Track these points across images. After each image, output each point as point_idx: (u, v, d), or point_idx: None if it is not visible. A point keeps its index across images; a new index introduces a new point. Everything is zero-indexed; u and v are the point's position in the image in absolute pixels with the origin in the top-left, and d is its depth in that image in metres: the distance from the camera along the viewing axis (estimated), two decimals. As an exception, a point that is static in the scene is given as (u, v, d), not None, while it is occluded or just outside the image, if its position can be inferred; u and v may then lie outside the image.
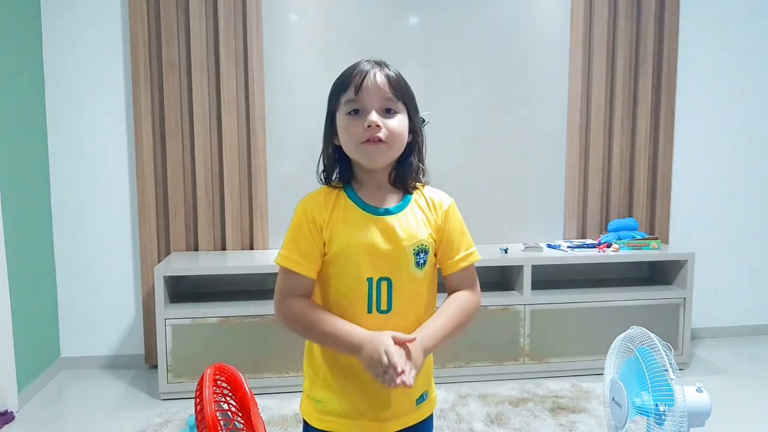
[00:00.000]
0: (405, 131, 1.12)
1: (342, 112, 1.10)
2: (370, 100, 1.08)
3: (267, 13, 2.97)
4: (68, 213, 2.95)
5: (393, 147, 1.10)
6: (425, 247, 1.13)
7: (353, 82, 1.08)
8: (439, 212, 1.17)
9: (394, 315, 1.10)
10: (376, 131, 1.07)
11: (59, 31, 2.87)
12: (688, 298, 2.94)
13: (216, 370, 1.68)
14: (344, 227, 1.10)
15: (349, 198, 1.13)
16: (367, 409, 1.12)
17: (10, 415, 2.41)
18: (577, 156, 3.22)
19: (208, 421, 1.46)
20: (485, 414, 2.40)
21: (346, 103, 1.09)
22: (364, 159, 1.10)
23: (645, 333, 1.71)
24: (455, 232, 1.17)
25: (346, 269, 1.10)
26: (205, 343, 2.60)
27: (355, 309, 1.09)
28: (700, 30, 3.32)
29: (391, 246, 1.10)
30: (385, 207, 1.13)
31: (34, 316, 2.74)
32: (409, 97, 1.14)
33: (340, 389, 1.12)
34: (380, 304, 1.10)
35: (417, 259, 1.12)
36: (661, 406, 1.60)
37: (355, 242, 1.09)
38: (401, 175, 1.15)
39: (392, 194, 1.15)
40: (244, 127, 2.96)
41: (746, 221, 3.48)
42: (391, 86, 1.10)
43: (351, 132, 1.08)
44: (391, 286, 1.10)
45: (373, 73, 1.09)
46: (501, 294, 2.87)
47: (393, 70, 1.13)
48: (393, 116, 1.10)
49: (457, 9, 3.11)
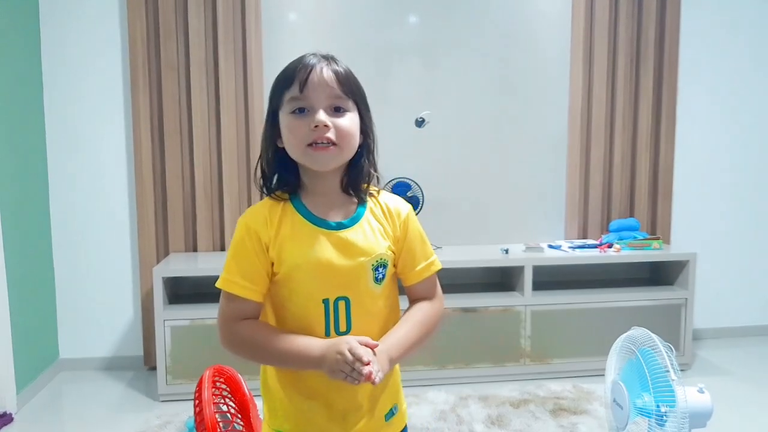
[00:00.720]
0: (356, 131, 1.02)
1: (285, 111, 1.00)
2: (317, 98, 0.98)
3: (266, 13, 2.96)
4: (67, 214, 2.94)
5: (343, 149, 1.00)
6: (384, 261, 1.04)
7: (297, 77, 0.98)
8: (397, 221, 1.08)
9: (354, 335, 1.00)
10: (324, 131, 0.97)
11: (58, 32, 2.87)
12: (689, 298, 2.93)
13: (215, 372, 1.68)
14: (293, 244, 1.01)
15: (296, 210, 1.03)
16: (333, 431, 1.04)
17: (8, 416, 2.41)
18: (578, 156, 3.21)
19: (207, 423, 1.45)
20: (486, 415, 2.39)
21: (290, 101, 0.99)
22: (312, 163, 1.00)
23: (646, 334, 1.70)
24: (415, 241, 1.09)
25: (299, 291, 1.01)
26: (204, 344, 2.59)
27: (312, 332, 1.00)
28: (701, 29, 3.31)
29: (346, 262, 1.01)
30: (337, 220, 1.04)
31: (32, 318, 2.73)
32: (359, 95, 1.04)
33: (301, 416, 1.04)
34: (338, 326, 1.01)
35: (375, 274, 1.03)
36: (663, 407, 1.59)
37: (307, 261, 1.00)
38: (353, 181, 1.06)
39: (344, 203, 1.06)
40: (243, 128, 2.95)
41: (748, 221, 3.47)
42: (339, 82, 1.00)
43: (296, 133, 0.99)
44: (349, 305, 1.02)
45: (320, 68, 0.99)
46: (502, 295, 2.86)
47: (342, 65, 1.03)
48: (343, 115, 1.00)
49: (457, 9, 3.10)
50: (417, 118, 2.85)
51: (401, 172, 2.97)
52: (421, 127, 2.87)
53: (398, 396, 1.13)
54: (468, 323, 2.76)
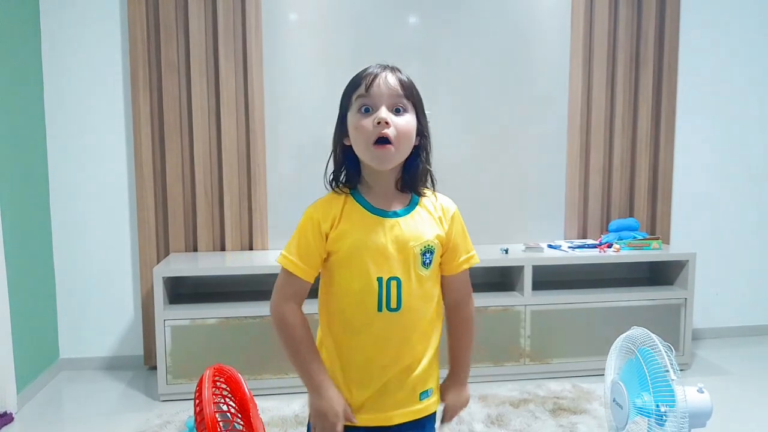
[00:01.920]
0: (413, 131, 1.15)
1: (353, 111, 1.13)
2: (380, 97, 1.11)
3: (267, 14, 2.97)
4: (67, 214, 2.94)
5: (400, 148, 1.13)
6: (431, 247, 1.17)
7: (364, 81, 1.12)
8: (447, 216, 1.22)
9: (403, 313, 1.14)
10: (386, 128, 1.10)
11: (58, 32, 2.87)
12: (689, 298, 2.93)
13: (215, 371, 1.68)
14: (353, 230, 1.14)
15: (356, 202, 1.17)
16: (368, 400, 1.17)
17: (9, 416, 2.41)
18: (578, 156, 3.21)
19: (208, 423, 1.45)
20: (486, 415, 2.40)
21: (357, 99, 1.12)
22: (373, 160, 1.13)
23: (646, 333, 1.70)
24: (459, 236, 1.23)
25: (356, 270, 1.14)
26: (204, 344, 2.60)
27: (366, 308, 1.14)
28: (701, 29, 3.31)
29: (398, 247, 1.14)
30: (393, 210, 1.17)
31: (33, 318, 2.73)
32: (418, 101, 1.17)
33: (343, 383, 1.17)
34: (390, 302, 1.14)
35: (423, 258, 1.16)
36: (662, 407, 1.60)
37: (364, 244, 1.13)
38: (409, 180, 1.19)
39: (400, 198, 1.19)
40: (244, 128, 2.95)
41: (747, 221, 3.47)
42: (402, 86, 1.13)
43: (361, 129, 1.11)
44: (400, 285, 1.14)
45: (385, 75, 1.13)
46: (501, 294, 2.87)
47: (405, 75, 1.17)
48: (402, 115, 1.13)
49: (457, 9, 3.11)
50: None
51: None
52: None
53: (435, 382, 1.24)
54: (468, 323, 2.76)
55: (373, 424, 1.17)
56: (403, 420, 1.18)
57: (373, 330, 1.15)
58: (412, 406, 1.19)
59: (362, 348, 1.16)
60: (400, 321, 1.14)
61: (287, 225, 1.04)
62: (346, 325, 1.17)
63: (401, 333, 1.15)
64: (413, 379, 1.18)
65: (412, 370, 1.17)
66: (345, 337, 1.18)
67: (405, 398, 1.18)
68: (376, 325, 1.14)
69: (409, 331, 1.16)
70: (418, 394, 1.20)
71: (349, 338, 1.17)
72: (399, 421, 1.18)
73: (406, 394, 1.18)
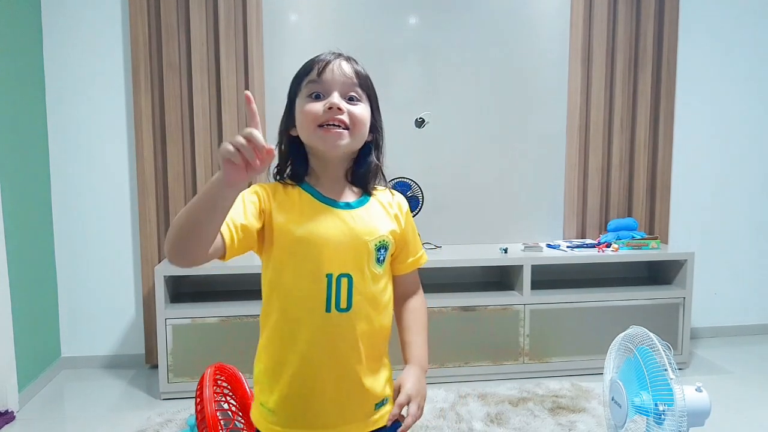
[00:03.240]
0: (367, 120, 1.06)
1: (301, 96, 1.04)
2: (332, 83, 1.03)
3: (267, 14, 2.97)
4: (69, 213, 2.95)
5: (355, 135, 1.04)
6: (386, 243, 1.08)
7: (317, 65, 1.04)
8: (402, 212, 1.15)
9: (353, 314, 1.03)
10: (338, 113, 1.01)
11: (59, 32, 2.87)
12: (687, 297, 2.94)
13: (216, 370, 1.69)
14: (301, 218, 1.03)
15: (305, 191, 1.08)
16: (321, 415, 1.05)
17: (10, 415, 2.42)
18: (577, 156, 3.22)
19: (209, 421, 1.46)
20: (485, 413, 2.41)
21: (308, 84, 1.04)
22: (322, 143, 1.03)
23: (644, 332, 1.71)
24: (410, 233, 1.17)
25: (302, 264, 1.02)
26: (205, 342, 2.61)
27: (313, 308, 1.02)
28: (700, 30, 3.32)
29: (351, 239, 1.04)
30: (345, 200, 1.08)
31: (34, 316, 2.74)
32: (373, 93, 1.09)
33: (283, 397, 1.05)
34: (339, 302, 1.03)
35: (378, 255, 1.07)
36: (661, 406, 1.60)
37: (315, 234, 1.02)
38: (361, 175, 1.11)
39: (350, 191, 1.11)
40: (244, 127, 2.95)
41: (746, 221, 3.48)
42: (357, 76, 1.05)
43: (309, 113, 1.02)
44: (351, 282, 1.03)
45: (339, 62, 1.05)
46: (501, 294, 2.88)
47: (361, 67, 1.08)
48: (355, 104, 1.04)
49: (456, 9, 3.11)
50: (417, 119, 2.87)
51: (401, 172, 2.98)
52: (420, 128, 2.88)
53: (390, 390, 1.14)
54: (467, 322, 2.77)
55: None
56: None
57: (319, 332, 1.02)
58: (366, 419, 1.08)
59: (306, 353, 1.03)
60: (350, 323, 1.03)
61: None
62: (289, 326, 1.03)
63: (348, 336, 1.03)
64: (366, 388, 1.07)
65: (364, 379, 1.06)
66: (287, 341, 1.04)
67: (358, 409, 1.08)
68: (323, 327, 1.02)
69: (357, 334, 1.04)
70: (374, 405, 1.09)
71: (292, 342, 1.03)
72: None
73: (357, 405, 1.07)
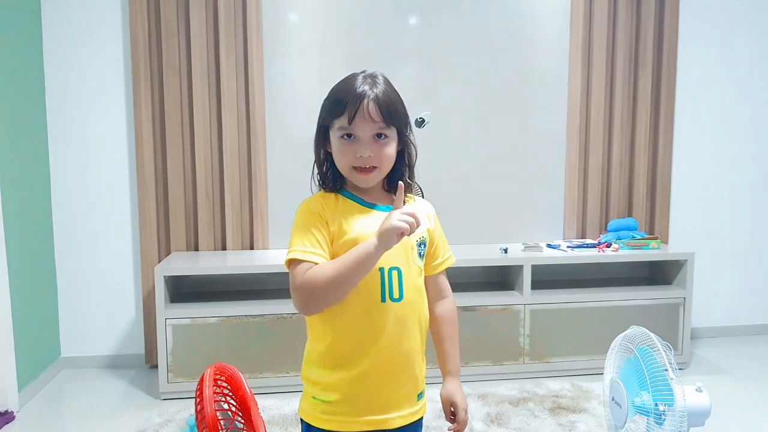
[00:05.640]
0: (393, 153, 1.18)
1: (335, 134, 1.16)
2: (362, 130, 1.13)
3: (267, 14, 2.97)
4: (69, 213, 2.95)
5: (382, 170, 1.17)
6: (425, 239, 1.21)
7: (348, 111, 1.12)
8: (431, 215, 1.28)
9: (405, 303, 1.15)
10: (368, 161, 1.14)
11: (59, 33, 2.87)
12: (687, 297, 2.94)
13: (216, 370, 1.69)
14: (351, 221, 1.15)
15: (347, 198, 1.19)
16: (370, 404, 1.15)
17: (10, 414, 2.42)
18: (577, 156, 3.22)
19: (209, 421, 1.46)
20: (485, 414, 2.41)
21: (340, 128, 1.14)
22: (356, 180, 1.17)
23: (645, 333, 1.71)
24: (441, 236, 1.29)
25: None
26: (205, 342, 2.61)
27: (369, 299, 1.13)
28: (700, 30, 3.32)
29: None
30: (384, 204, 1.19)
31: (34, 316, 2.74)
32: (400, 120, 1.17)
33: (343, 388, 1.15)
34: (392, 292, 1.14)
35: (419, 249, 1.20)
36: (661, 406, 1.60)
37: (366, 232, 1.12)
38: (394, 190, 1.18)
39: (386, 197, 1.22)
40: (245, 128, 2.96)
41: (746, 221, 3.48)
42: (382, 114, 1.13)
43: (344, 155, 1.15)
44: (401, 275, 1.15)
45: (366, 103, 1.12)
46: (501, 294, 2.88)
47: (388, 93, 1.15)
48: (384, 141, 1.15)
49: (457, 9, 3.11)
50: (417, 119, 2.86)
51: (401, 171, 2.98)
52: (421, 128, 2.88)
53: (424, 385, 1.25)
54: (467, 322, 2.77)
55: (372, 428, 1.15)
56: (403, 423, 1.17)
57: (375, 321, 1.13)
58: (410, 408, 1.19)
59: (363, 341, 1.13)
60: (403, 312, 1.15)
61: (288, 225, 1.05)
62: (346, 317, 1.14)
63: (403, 324, 1.15)
64: (412, 377, 1.18)
65: (413, 367, 1.18)
66: (345, 331, 1.15)
67: (405, 398, 1.18)
68: (379, 317, 1.13)
69: (410, 323, 1.16)
70: (416, 396, 1.20)
71: (350, 331, 1.14)
72: (400, 424, 1.17)
73: (407, 392, 1.18)
